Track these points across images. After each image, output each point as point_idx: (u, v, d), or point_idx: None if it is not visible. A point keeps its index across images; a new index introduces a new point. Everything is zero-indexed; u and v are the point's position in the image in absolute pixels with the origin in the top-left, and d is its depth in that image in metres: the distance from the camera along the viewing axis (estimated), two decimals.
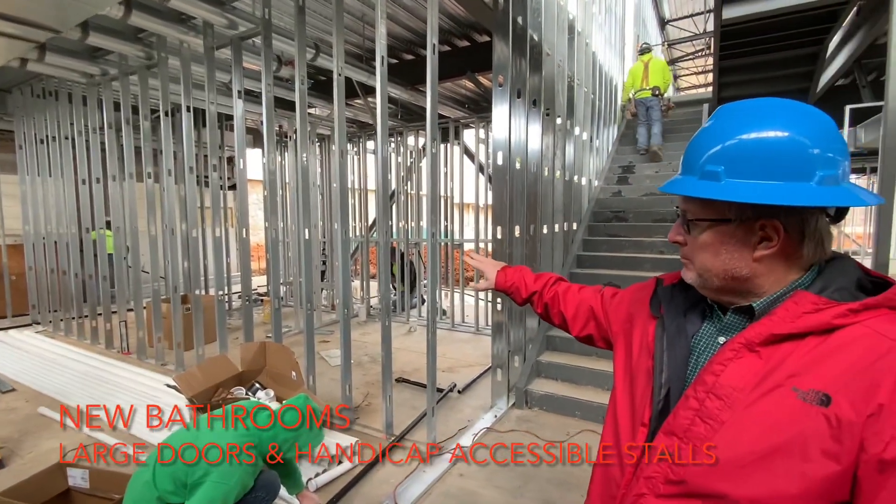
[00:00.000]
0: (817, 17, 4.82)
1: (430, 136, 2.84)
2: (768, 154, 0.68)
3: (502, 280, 1.34)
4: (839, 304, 0.67)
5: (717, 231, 0.73)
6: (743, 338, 0.71)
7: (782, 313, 0.69)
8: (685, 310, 0.85)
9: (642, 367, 0.85)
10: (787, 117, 0.69)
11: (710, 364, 0.73)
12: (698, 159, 0.73)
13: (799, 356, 0.66)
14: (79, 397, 3.81)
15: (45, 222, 5.88)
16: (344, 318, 3.27)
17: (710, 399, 0.71)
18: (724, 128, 0.73)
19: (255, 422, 1.92)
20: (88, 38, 3.84)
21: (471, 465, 2.91)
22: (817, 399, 0.63)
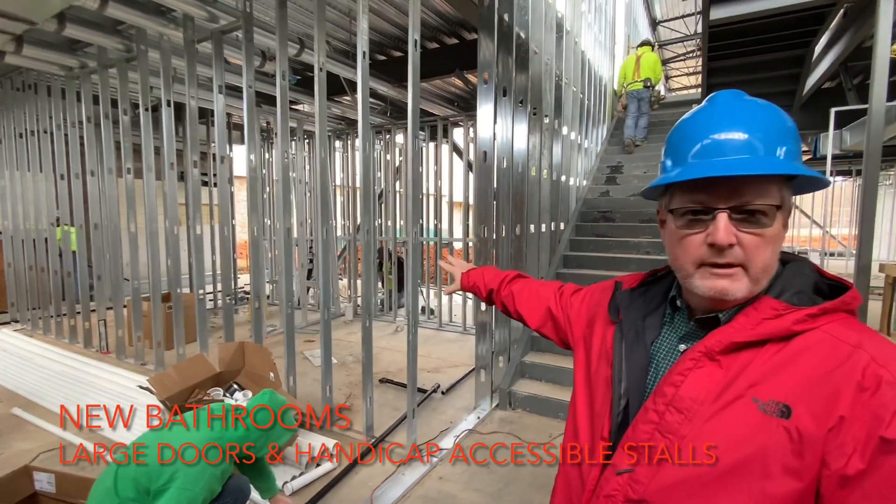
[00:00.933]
0: (804, 20, 4.83)
1: (412, 132, 2.79)
2: (797, 135, 0.68)
3: (465, 281, 1.34)
4: (799, 309, 0.64)
5: (779, 220, 0.66)
6: (703, 346, 0.68)
7: (743, 320, 0.66)
8: (644, 315, 0.81)
9: (601, 377, 0.81)
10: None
11: (669, 374, 0.70)
12: (765, 137, 0.65)
13: (759, 365, 0.63)
14: (53, 397, 3.72)
15: (24, 218, 5.75)
16: (324, 318, 3.21)
17: (669, 412, 0.67)
18: (759, 111, 0.68)
19: (223, 423, 1.87)
20: (65, 29, 3.74)
21: (451, 467, 2.88)
22: (777, 410, 0.60)
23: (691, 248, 0.69)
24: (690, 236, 0.69)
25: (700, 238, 0.68)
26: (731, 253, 0.65)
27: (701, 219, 0.68)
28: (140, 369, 4.46)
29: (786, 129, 0.67)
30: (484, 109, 3.50)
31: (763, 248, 0.66)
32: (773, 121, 0.67)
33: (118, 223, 4.79)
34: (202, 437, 1.80)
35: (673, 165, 0.73)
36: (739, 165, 0.64)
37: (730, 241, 0.65)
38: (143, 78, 4.16)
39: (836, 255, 11.71)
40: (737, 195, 0.65)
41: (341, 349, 5.34)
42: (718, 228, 0.65)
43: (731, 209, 0.65)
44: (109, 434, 3.18)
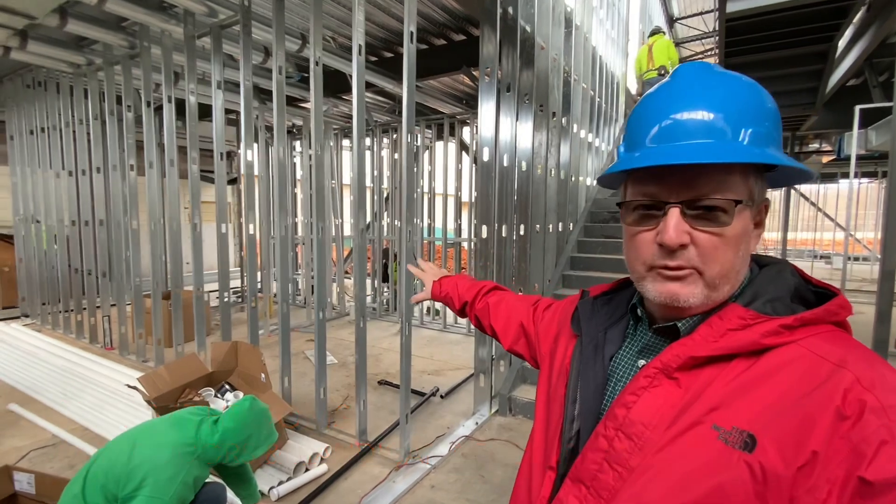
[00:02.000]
0: (826, 13, 4.62)
1: (406, 127, 2.70)
2: (777, 118, 0.58)
3: (437, 290, 1.22)
4: (770, 319, 0.53)
5: (744, 217, 0.56)
6: (659, 361, 0.57)
7: (704, 331, 0.56)
8: (606, 327, 0.70)
9: (558, 396, 0.70)
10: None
11: (623, 393, 0.59)
12: (732, 118, 0.55)
13: (722, 384, 0.52)
14: (51, 393, 3.72)
15: (35, 214, 5.81)
16: (318, 318, 3.14)
17: (619, 439, 0.57)
18: (731, 85, 0.57)
19: (199, 428, 1.80)
20: (67, 25, 3.73)
21: (445, 475, 2.77)
22: (740, 441, 0.49)
23: (642, 247, 0.59)
24: (641, 234, 0.59)
25: (650, 236, 0.58)
26: (682, 254, 0.56)
27: (652, 214, 0.58)
28: (141, 366, 4.45)
29: (757, 109, 0.55)
30: (486, 105, 3.39)
31: (722, 249, 0.55)
32: (743, 98, 0.56)
33: (121, 220, 4.80)
34: (177, 440, 1.72)
35: (626, 151, 0.62)
36: (690, 152, 0.54)
37: (680, 241, 0.55)
38: (145, 74, 4.15)
39: (861, 260, 11.30)
40: (691, 188, 0.55)
41: (343, 349, 5.27)
42: (668, 226, 0.55)
43: (683, 203, 0.55)
44: (103, 432, 3.15)
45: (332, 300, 7.20)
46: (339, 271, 7.26)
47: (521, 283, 4.01)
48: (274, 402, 2.82)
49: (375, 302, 7.04)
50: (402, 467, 2.79)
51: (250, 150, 3.51)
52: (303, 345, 5.40)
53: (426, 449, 3.04)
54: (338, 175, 7.44)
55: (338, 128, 7.50)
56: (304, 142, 7.09)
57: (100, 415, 3.35)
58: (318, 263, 3.06)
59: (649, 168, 0.56)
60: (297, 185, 7.83)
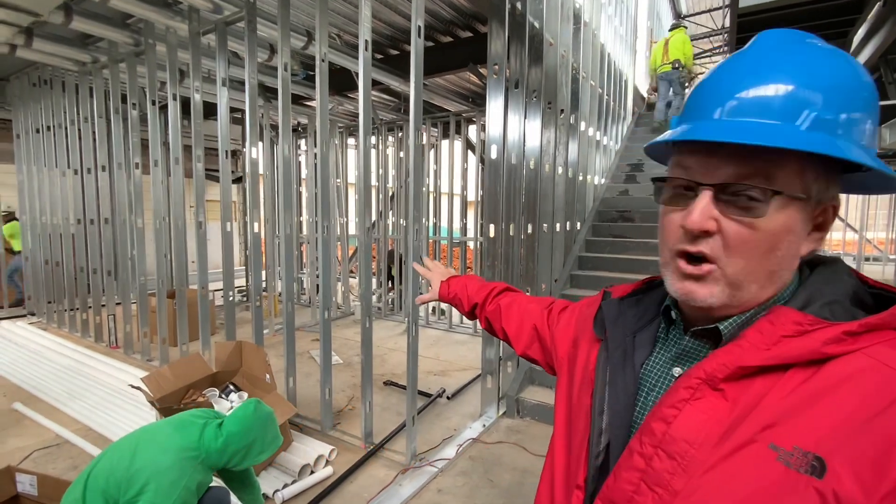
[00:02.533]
0: (841, 8, 4.53)
1: (414, 124, 2.65)
2: (871, 108, 0.50)
3: (445, 291, 1.16)
4: (832, 325, 0.47)
5: (790, 213, 0.50)
6: (702, 370, 0.51)
7: (754, 337, 0.50)
8: (635, 330, 0.64)
9: (583, 407, 0.64)
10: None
11: (659, 406, 0.53)
12: (799, 97, 0.48)
13: (777, 398, 0.46)
14: (55, 392, 3.70)
15: (41, 213, 5.81)
16: (323, 317, 3.09)
17: (658, 457, 0.51)
18: (816, 62, 0.49)
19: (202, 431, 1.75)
20: (72, 22, 3.71)
21: (452, 479, 2.73)
22: (806, 464, 0.43)
23: (668, 228, 0.55)
24: (670, 214, 0.55)
25: (678, 217, 0.53)
26: (705, 242, 0.51)
27: (684, 194, 0.53)
28: (145, 365, 4.43)
29: (841, 92, 0.48)
30: (494, 102, 3.33)
31: (751, 243, 0.50)
32: (825, 76, 0.49)
33: (126, 218, 4.78)
34: (180, 444, 1.68)
35: (676, 124, 0.57)
36: (732, 130, 0.48)
37: (703, 227, 0.50)
38: (150, 72, 4.12)
39: (872, 260, 11.13)
40: (729, 170, 0.50)
41: (349, 349, 5.23)
42: (694, 209, 0.51)
43: (717, 187, 0.50)
44: (106, 433, 3.13)
45: (337, 299, 7.17)
46: (343, 270, 7.23)
47: (529, 283, 3.95)
48: (279, 404, 2.78)
49: (380, 301, 7.00)
50: (408, 470, 2.75)
51: (255, 148, 3.48)
52: (307, 344, 5.36)
53: (433, 451, 2.99)
54: (342, 174, 7.41)
55: (343, 126, 7.46)
56: (309, 140, 7.06)
57: (104, 415, 3.33)
58: (324, 262, 3.02)
59: (693, 144, 0.51)
60: (302, 184, 7.81)
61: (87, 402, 3.53)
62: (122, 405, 3.47)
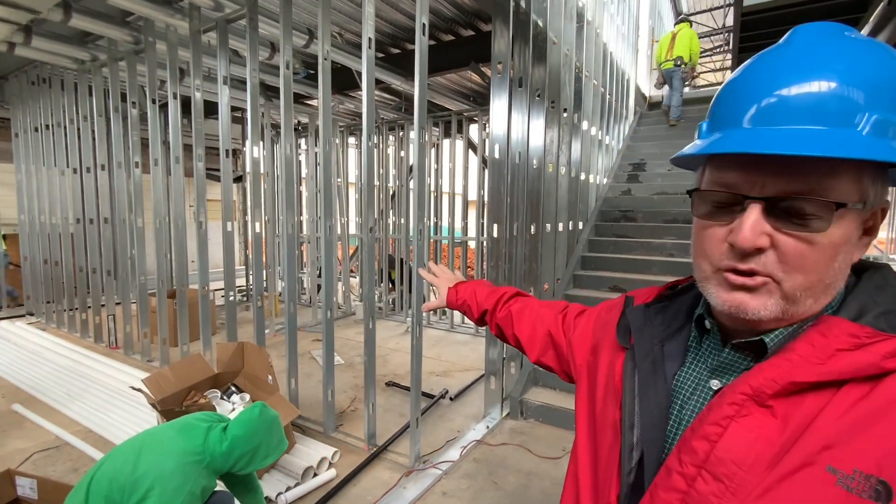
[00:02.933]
0: (845, 7, 4.51)
1: (418, 122, 2.62)
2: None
3: (453, 298, 1.12)
4: (891, 337, 0.44)
5: (847, 222, 0.47)
6: (748, 385, 0.48)
7: (805, 350, 0.46)
8: (663, 339, 0.61)
9: (609, 419, 0.61)
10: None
11: (700, 423, 0.50)
12: (853, 98, 0.44)
13: (833, 417, 0.43)
14: (55, 393, 3.67)
15: (40, 212, 5.78)
16: (326, 318, 3.06)
17: (703, 479, 0.47)
18: (872, 58, 0.46)
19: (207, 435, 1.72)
20: (71, 19, 3.67)
21: (456, 481, 2.70)
22: (869, 488, 0.40)
23: (710, 244, 0.51)
24: (711, 229, 0.51)
25: (722, 233, 0.50)
26: (757, 259, 0.47)
27: (728, 208, 0.50)
28: (146, 366, 4.40)
29: (889, 84, 0.45)
30: (498, 101, 3.31)
31: (811, 258, 0.46)
32: (874, 73, 0.45)
33: (126, 218, 4.75)
34: (185, 448, 1.65)
35: (709, 130, 0.53)
36: (788, 141, 0.44)
37: (756, 245, 0.47)
38: (150, 70, 4.09)
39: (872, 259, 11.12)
40: (782, 182, 0.46)
41: (350, 349, 5.21)
42: (744, 225, 0.47)
43: (768, 200, 0.46)
44: (107, 435, 3.10)
45: (338, 299, 7.15)
46: (344, 270, 7.20)
47: (532, 283, 3.93)
48: (282, 406, 2.75)
49: (382, 301, 6.97)
50: (412, 473, 2.72)
51: (256, 147, 3.45)
52: (309, 344, 5.34)
53: (437, 453, 2.97)
54: (343, 173, 7.37)
55: (343, 125, 7.43)
56: (310, 139, 7.03)
57: (104, 416, 3.30)
58: (325, 262, 2.99)
59: (733, 154, 0.48)
60: (303, 183, 7.77)
61: (87, 404, 3.50)
62: (123, 406, 3.44)
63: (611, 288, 4.43)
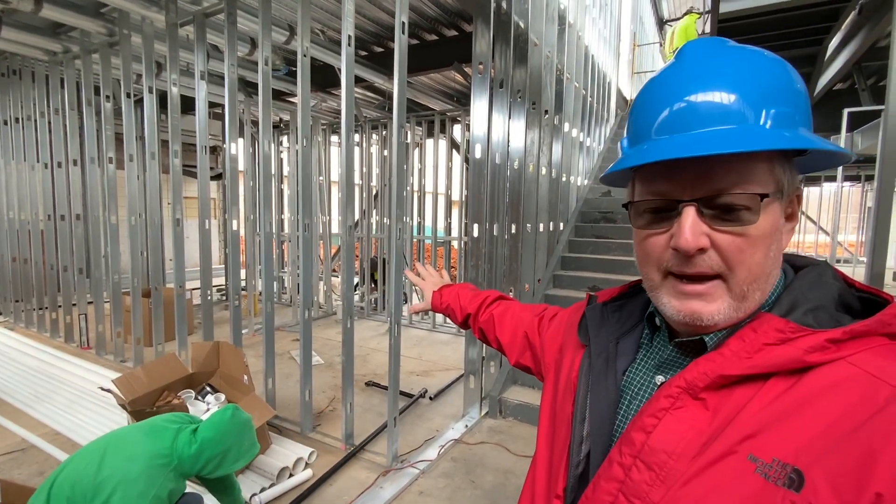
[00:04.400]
0: (818, 16, 4.63)
1: (397, 121, 2.61)
2: (806, 97, 0.51)
3: (437, 301, 1.15)
4: (814, 332, 0.46)
5: (771, 211, 0.50)
6: (683, 379, 0.50)
7: (736, 345, 0.48)
8: (618, 336, 0.63)
9: (565, 415, 0.63)
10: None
11: (640, 415, 0.52)
12: (752, 98, 0.48)
13: (758, 408, 0.45)
14: (21, 394, 3.56)
15: (9, 208, 5.59)
16: (303, 318, 3.03)
17: (637, 468, 0.50)
18: (762, 64, 0.50)
19: (175, 437, 1.69)
20: (42, 10, 3.56)
21: (433, 480, 2.70)
22: (784, 476, 0.41)
23: (654, 252, 0.53)
24: (652, 237, 0.53)
25: (663, 239, 0.51)
26: (702, 260, 0.49)
27: (664, 215, 0.51)
28: (118, 366, 4.30)
29: (783, 87, 0.49)
30: (478, 102, 3.31)
31: (748, 251, 0.49)
32: (765, 74, 0.49)
33: (100, 215, 4.63)
34: (151, 451, 1.61)
35: (630, 145, 0.56)
36: (705, 142, 0.47)
37: (698, 245, 0.48)
38: (125, 64, 3.99)
39: (843, 262, 11.48)
40: (707, 183, 0.48)
41: (330, 349, 5.17)
42: (683, 228, 0.49)
43: (699, 202, 0.49)
44: (75, 437, 3.01)
45: (319, 299, 7.08)
46: (326, 269, 7.13)
47: (512, 283, 3.95)
48: (257, 406, 2.71)
49: (363, 301, 6.93)
50: (389, 472, 2.71)
51: (235, 144, 3.39)
52: (288, 344, 5.28)
53: (414, 453, 2.96)
54: (326, 172, 7.31)
55: (326, 123, 7.37)
56: (292, 137, 6.95)
57: (73, 418, 3.21)
58: (305, 261, 2.96)
59: (658, 163, 0.49)
60: (285, 182, 7.69)
61: (55, 405, 3.40)
62: (92, 408, 3.35)
63: (590, 288, 4.47)
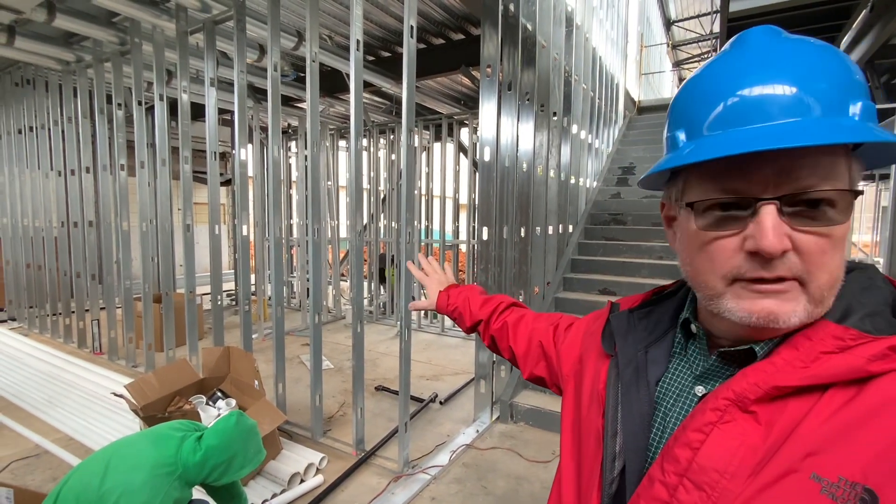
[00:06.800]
0: (829, 14, 4.59)
1: (406, 125, 2.60)
2: (868, 89, 0.47)
3: (444, 302, 1.08)
4: (876, 339, 0.42)
5: (850, 212, 0.46)
6: (731, 391, 0.46)
7: (789, 354, 0.45)
8: (647, 345, 0.59)
9: (592, 428, 0.59)
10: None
11: (683, 430, 0.48)
12: (833, 91, 0.44)
13: (817, 422, 0.42)
14: (35, 400, 3.59)
15: (23, 216, 5.67)
16: (313, 322, 3.03)
17: (684, 488, 0.46)
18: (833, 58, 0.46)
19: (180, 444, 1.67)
20: (55, 20, 3.61)
21: (445, 486, 2.67)
22: (855, 497, 0.38)
23: (721, 256, 0.47)
24: (719, 241, 0.47)
25: (734, 243, 0.46)
26: (782, 264, 0.44)
27: (734, 215, 0.46)
28: (130, 371, 4.33)
29: (854, 79, 0.45)
30: (487, 104, 3.30)
31: (831, 253, 0.44)
32: (836, 67, 0.45)
33: (112, 221, 4.67)
34: (156, 460, 1.59)
35: (687, 140, 0.50)
36: (794, 133, 0.42)
37: (783, 247, 0.44)
38: (136, 72, 4.04)
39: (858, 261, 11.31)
40: (790, 178, 0.44)
41: (339, 353, 5.17)
42: (765, 229, 0.44)
43: (781, 199, 0.44)
44: (89, 442, 3.03)
45: (328, 303, 7.09)
46: (334, 274, 7.15)
47: (522, 286, 3.92)
48: (268, 411, 2.71)
49: (372, 305, 6.93)
50: (400, 478, 2.69)
51: (244, 150, 3.41)
52: (298, 349, 5.29)
53: (425, 458, 2.94)
54: (334, 176, 7.34)
55: (334, 128, 7.41)
56: (300, 142, 6.99)
57: (86, 423, 3.23)
58: (314, 265, 2.96)
59: (729, 158, 0.44)
60: (293, 186, 7.73)
61: (69, 410, 3.43)
62: (105, 413, 3.37)
63: (601, 291, 4.44)
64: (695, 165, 0.48)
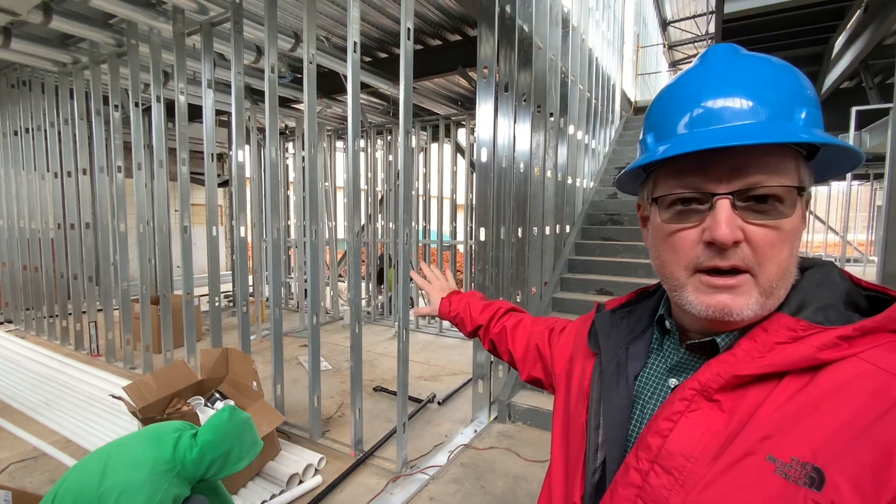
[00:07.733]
0: (823, 15, 4.61)
1: (404, 126, 2.61)
2: (818, 102, 0.52)
3: (446, 308, 1.12)
4: (825, 329, 0.46)
5: (799, 207, 0.50)
6: (696, 381, 0.50)
7: (748, 345, 0.49)
8: (628, 342, 0.63)
9: (578, 423, 0.63)
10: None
11: (655, 419, 0.52)
12: (782, 99, 0.49)
13: (774, 407, 0.45)
14: (32, 402, 3.58)
15: (19, 217, 5.66)
16: (312, 323, 3.04)
17: (655, 473, 0.49)
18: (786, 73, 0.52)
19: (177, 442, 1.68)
20: (52, 22, 3.61)
21: (443, 486, 2.68)
22: (804, 476, 0.41)
23: (682, 247, 0.52)
24: (680, 232, 0.52)
25: (694, 234, 0.51)
26: (735, 254, 0.49)
27: (695, 209, 0.51)
28: (128, 373, 4.32)
29: (804, 92, 0.50)
30: (484, 105, 3.32)
31: (779, 245, 0.49)
32: (786, 81, 0.50)
33: (109, 223, 4.67)
34: (154, 458, 1.60)
35: (656, 142, 0.55)
36: (744, 133, 0.47)
37: (735, 238, 0.48)
38: (133, 73, 4.03)
39: (853, 262, 11.37)
40: (742, 174, 0.48)
41: (337, 354, 5.17)
42: (719, 220, 0.48)
43: (734, 194, 0.48)
44: (86, 444, 3.03)
45: (326, 304, 7.09)
46: (332, 274, 7.15)
47: (519, 287, 3.94)
48: (266, 412, 2.71)
49: (370, 306, 6.94)
50: (399, 478, 2.70)
51: (242, 151, 3.42)
52: (296, 350, 5.29)
53: (424, 458, 2.95)
54: (331, 177, 7.35)
55: (331, 129, 7.41)
56: (297, 143, 6.99)
57: (84, 425, 3.22)
58: (312, 266, 2.97)
59: (688, 156, 0.49)
60: (290, 188, 7.73)
61: (66, 413, 3.42)
62: (103, 415, 3.37)
63: (598, 291, 4.46)
64: (662, 165, 0.54)
